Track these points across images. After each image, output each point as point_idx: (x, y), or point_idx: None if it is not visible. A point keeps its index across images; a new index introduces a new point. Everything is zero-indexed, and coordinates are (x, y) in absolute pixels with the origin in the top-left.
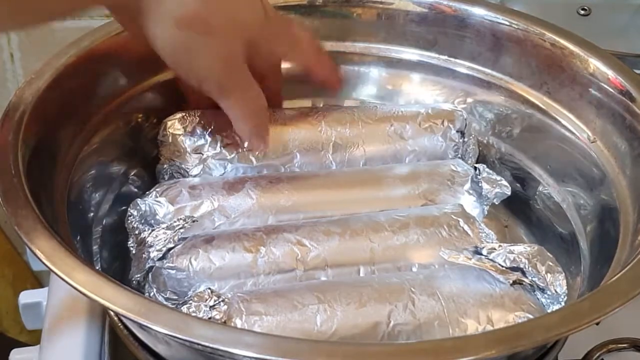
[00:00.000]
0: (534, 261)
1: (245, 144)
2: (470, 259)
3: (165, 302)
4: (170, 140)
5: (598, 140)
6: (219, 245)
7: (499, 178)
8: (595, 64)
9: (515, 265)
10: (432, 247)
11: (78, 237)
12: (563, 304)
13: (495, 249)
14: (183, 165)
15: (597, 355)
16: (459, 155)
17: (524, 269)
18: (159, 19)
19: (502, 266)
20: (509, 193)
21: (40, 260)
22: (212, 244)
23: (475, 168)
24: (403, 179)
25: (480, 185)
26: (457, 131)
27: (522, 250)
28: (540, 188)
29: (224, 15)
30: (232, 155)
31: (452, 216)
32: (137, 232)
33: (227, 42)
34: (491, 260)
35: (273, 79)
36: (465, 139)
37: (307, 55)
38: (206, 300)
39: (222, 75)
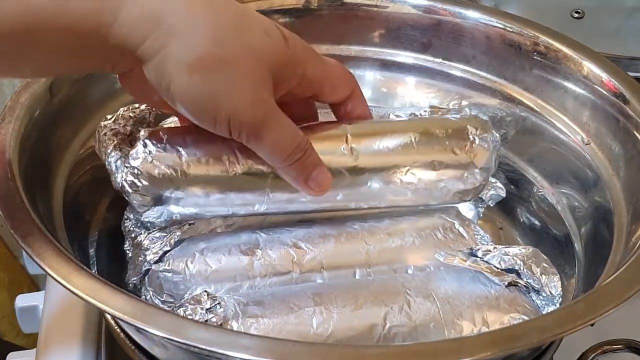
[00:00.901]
0: (528, 263)
1: (304, 191)
2: (465, 260)
3: (161, 305)
4: None
5: (592, 143)
6: (215, 248)
7: (493, 180)
8: (589, 67)
9: (510, 267)
10: (427, 249)
11: (74, 241)
12: (558, 305)
13: (490, 250)
14: None
15: (592, 356)
16: None
17: (519, 271)
18: (171, 72)
19: (497, 268)
20: (504, 195)
21: (37, 264)
22: (208, 247)
23: None
24: None
25: None
26: None
27: (517, 252)
28: (535, 190)
29: (239, 46)
30: None
31: (448, 218)
32: (133, 235)
33: (249, 73)
34: (486, 262)
35: (307, 108)
36: None
37: (339, 81)
38: (202, 303)
39: (251, 112)
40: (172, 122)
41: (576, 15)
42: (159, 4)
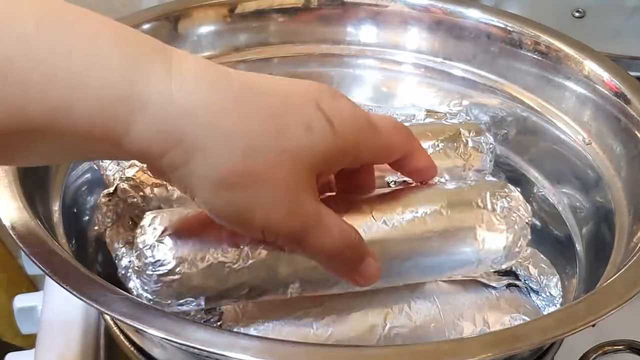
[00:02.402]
0: (525, 264)
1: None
2: None
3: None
4: None
5: (593, 143)
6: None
7: (494, 180)
8: (590, 67)
9: (507, 270)
10: None
11: (73, 241)
12: (559, 305)
13: None
14: None
15: (593, 357)
16: None
17: (517, 272)
18: (195, 187)
19: (495, 271)
20: None
21: (36, 264)
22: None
23: None
24: None
25: None
26: None
27: None
28: (536, 190)
29: (274, 154)
30: None
31: None
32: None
33: (284, 182)
34: None
35: (364, 177)
36: None
37: (396, 146)
38: None
39: (287, 224)
40: None
41: (577, 14)
42: (180, 116)
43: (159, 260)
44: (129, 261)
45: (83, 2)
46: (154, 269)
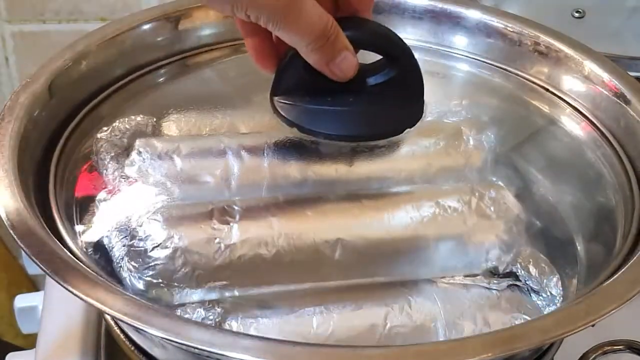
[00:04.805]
0: (525, 264)
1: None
2: None
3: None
4: None
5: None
6: None
7: (494, 179)
8: (590, 67)
9: (507, 270)
10: None
11: None
12: (559, 305)
13: None
14: None
15: (592, 357)
16: None
17: (517, 273)
18: None
19: (494, 272)
20: None
21: (36, 264)
22: None
23: None
24: None
25: None
26: None
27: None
28: (536, 190)
29: None
30: None
31: None
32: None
33: None
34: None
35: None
36: None
37: None
38: (201, 302)
39: (270, 1)
40: (172, 119)
41: (577, 15)
42: None
43: (150, 235)
44: (123, 245)
45: (86, 3)
46: (145, 244)
